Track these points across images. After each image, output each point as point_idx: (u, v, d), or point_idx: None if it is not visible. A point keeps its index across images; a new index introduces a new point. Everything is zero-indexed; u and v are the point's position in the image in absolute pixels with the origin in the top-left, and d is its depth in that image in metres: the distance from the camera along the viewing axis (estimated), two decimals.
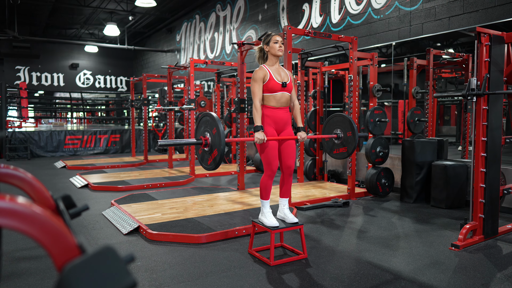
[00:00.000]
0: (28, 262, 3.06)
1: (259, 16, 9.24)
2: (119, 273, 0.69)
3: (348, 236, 3.69)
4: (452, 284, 2.62)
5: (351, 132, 3.32)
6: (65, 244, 0.67)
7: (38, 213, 0.67)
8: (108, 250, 0.70)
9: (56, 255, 0.66)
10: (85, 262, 0.68)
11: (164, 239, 3.55)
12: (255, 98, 3.08)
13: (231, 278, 2.73)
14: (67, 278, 0.65)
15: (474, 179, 3.50)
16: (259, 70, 3.13)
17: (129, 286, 0.70)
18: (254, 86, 3.10)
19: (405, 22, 5.90)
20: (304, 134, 3.21)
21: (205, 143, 2.78)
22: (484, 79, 3.36)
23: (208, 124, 2.76)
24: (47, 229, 0.66)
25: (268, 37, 3.17)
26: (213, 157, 2.73)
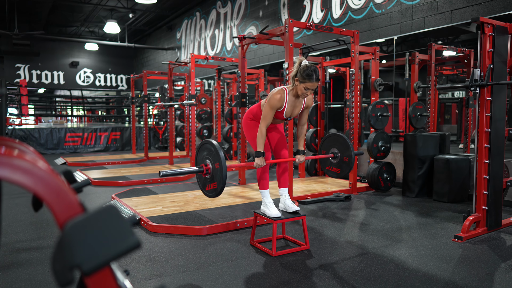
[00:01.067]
0: (28, 253, 3.03)
1: (259, 13, 9.21)
2: (122, 232, 0.67)
3: (351, 229, 3.67)
4: (456, 273, 2.60)
5: (348, 158, 3.28)
6: (67, 201, 0.65)
7: (42, 168, 0.65)
8: (111, 209, 0.68)
9: (58, 211, 0.64)
10: (87, 220, 0.65)
11: (165, 231, 3.53)
12: (263, 123, 2.98)
13: (233, 268, 2.70)
14: (68, 235, 0.63)
15: (478, 170, 3.47)
16: (279, 98, 2.94)
17: (133, 246, 0.67)
18: (267, 111, 2.97)
19: (407, 16, 5.87)
20: (302, 157, 3.20)
21: (206, 171, 2.75)
22: (487, 70, 3.33)
23: (211, 154, 2.72)
24: (50, 184, 0.64)
25: (307, 78, 2.84)
26: (212, 187, 2.72)
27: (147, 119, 9.35)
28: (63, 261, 0.63)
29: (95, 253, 0.64)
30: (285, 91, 2.99)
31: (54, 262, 0.64)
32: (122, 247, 0.66)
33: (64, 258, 0.63)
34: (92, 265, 0.63)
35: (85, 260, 0.63)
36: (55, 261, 0.64)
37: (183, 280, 2.53)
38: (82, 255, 0.63)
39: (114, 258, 0.65)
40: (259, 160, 3.01)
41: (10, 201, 4.88)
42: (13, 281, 2.50)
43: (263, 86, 8.59)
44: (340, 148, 3.34)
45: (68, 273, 0.63)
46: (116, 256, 0.66)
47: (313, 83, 2.86)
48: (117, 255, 0.66)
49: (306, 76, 2.84)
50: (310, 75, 2.84)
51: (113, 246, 0.65)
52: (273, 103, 2.95)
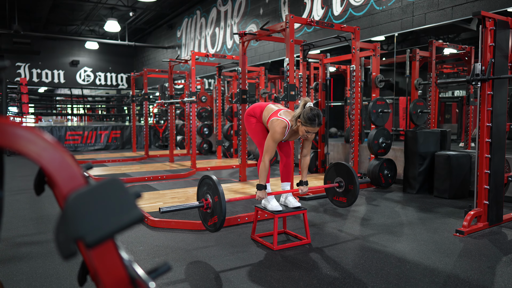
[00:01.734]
0: (29, 247, 3.03)
1: (260, 10, 9.20)
2: (125, 205, 0.67)
3: (352, 224, 3.66)
4: (458, 267, 2.59)
5: (353, 186, 3.29)
6: (70, 172, 0.65)
7: (46, 139, 0.64)
8: (115, 182, 0.68)
9: (62, 182, 0.64)
10: (91, 191, 0.65)
11: (166, 226, 3.52)
12: (267, 155, 3.00)
13: (234, 261, 2.70)
14: (71, 206, 0.63)
15: (479, 165, 3.46)
16: (281, 131, 2.96)
17: (136, 219, 0.67)
18: (270, 144, 2.99)
19: (407, 12, 5.86)
20: (305, 188, 3.20)
21: (206, 206, 2.77)
22: (489, 64, 3.33)
23: (210, 188, 2.76)
24: (54, 154, 0.64)
25: (309, 122, 2.84)
26: (213, 221, 2.75)
27: (147, 117, 9.35)
28: (66, 232, 0.63)
29: (99, 225, 0.63)
30: (287, 126, 3.00)
31: (58, 234, 0.64)
32: (125, 220, 0.66)
33: (67, 229, 0.63)
34: (95, 237, 0.63)
35: (88, 232, 0.63)
36: (59, 232, 0.64)
37: (184, 273, 2.52)
38: (85, 227, 0.63)
39: (118, 230, 0.65)
40: (261, 193, 3.02)
41: (11, 197, 4.88)
42: (14, 274, 2.50)
43: (264, 84, 8.59)
44: (345, 176, 3.34)
45: (71, 244, 0.62)
46: (120, 229, 0.65)
47: (314, 128, 2.87)
48: (121, 228, 0.65)
49: (309, 120, 2.84)
50: (313, 120, 2.83)
51: (116, 219, 0.65)
52: (276, 137, 2.98)
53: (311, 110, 2.85)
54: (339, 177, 3.39)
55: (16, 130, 0.62)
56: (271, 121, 3.03)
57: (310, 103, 2.91)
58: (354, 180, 3.25)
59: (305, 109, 2.88)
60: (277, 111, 3.08)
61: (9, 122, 0.62)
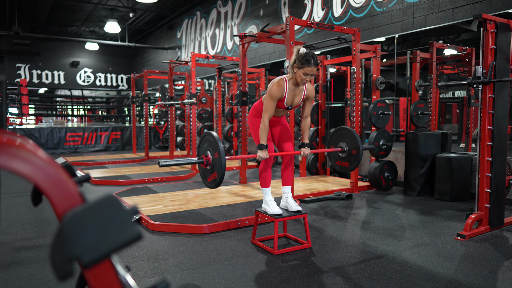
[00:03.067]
0: (28, 252, 3.02)
1: (260, 11, 9.19)
2: (123, 223, 0.65)
3: (352, 227, 3.65)
4: (459, 272, 2.58)
5: (356, 150, 3.27)
6: (66, 191, 0.63)
7: (41, 157, 0.63)
8: (111, 199, 0.66)
9: (57, 202, 0.62)
10: (87, 210, 0.63)
11: (166, 229, 3.51)
12: (266, 115, 2.97)
13: (235, 266, 2.68)
14: (67, 226, 0.61)
15: (480, 168, 3.45)
16: (278, 87, 2.93)
17: (134, 237, 0.65)
18: (268, 102, 2.97)
19: (408, 14, 5.85)
20: (307, 150, 3.17)
21: (206, 162, 2.76)
22: (490, 67, 3.31)
23: (211, 144, 2.74)
24: (49, 174, 0.62)
25: (306, 63, 2.83)
26: (213, 177, 2.73)
27: (147, 118, 9.34)
28: (62, 252, 0.61)
29: (95, 244, 0.62)
30: (284, 80, 2.99)
31: (53, 254, 0.62)
32: (123, 239, 0.64)
33: (63, 249, 0.61)
34: (92, 257, 0.62)
35: (84, 252, 0.61)
36: (54, 252, 0.62)
37: (184, 278, 2.51)
38: (82, 246, 0.61)
39: (115, 250, 0.64)
40: (262, 152, 3.00)
41: (10, 200, 4.87)
42: (13, 279, 2.48)
43: (264, 86, 8.57)
44: (348, 141, 3.33)
45: (67, 265, 0.61)
46: (117, 248, 0.64)
47: (312, 68, 2.85)
48: (118, 247, 0.64)
49: (305, 61, 2.84)
50: (309, 60, 2.84)
51: (113, 238, 0.63)
52: (274, 93, 2.94)
53: (305, 53, 2.86)
54: (343, 142, 3.39)
55: (9, 150, 0.61)
56: (268, 86, 3.04)
57: (303, 49, 2.90)
58: (357, 144, 3.25)
59: (299, 53, 2.89)
60: None
61: (1, 141, 0.60)
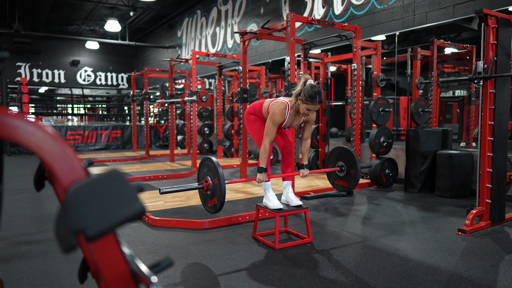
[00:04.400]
0: (29, 246, 3.02)
1: (261, 10, 9.19)
2: (127, 197, 0.65)
3: (353, 223, 3.65)
4: (461, 265, 2.58)
5: (354, 170, 3.27)
6: (71, 164, 0.63)
7: (47, 130, 0.63)
8: (116, 174, 0.66)
9: (62, 174, 0.62)
10: (92, 184, 0.63)
11: (167, 225, 3.51)
12: (267, 138, 2.97)
13: (236, 260, 2.68)
14: (71, 199, 0.61)
15: (481, 163, 3.45)
16: (280, 112, 2.92)
17: (138, 211, 0.65)
18: (270, 127, 2.96)
19: (409, 11, 5.85)
20: (306, 171, 3.18)
21: (207, 187, 2.76)
22: (491, 62, 3.31)
23: (210, 170, 2.75)
24: (54, 146, 0.62)
25: (310, 100, 2.80)
26: (213, 203, 2.74)
27: (147, 117, 9.34)
28: (66, 225, 0.61)
29: (100, 218, 0.62)
30: (287, 106, 2.96)
31: (58, 227, 0.62)
32: (127, 213, 0.64)
33: (68, 222, 0.61)
34: (96, 230, 0.62)
35: (89, 225, 0.61)
36: (59, 225, 0.62)
37: (185, 272, 2.51)
38: (86, 219, 0.61)
39: (119, 223, 0.64)
40: (261, 176, 3.02)
41: (12, 196, 4.87)
42: (14, 272, 2.48)
43: (265, 84, 8.57)
44: (346, 161, 3.33)
45: (71, 237, 0.61)
46: (121, 222, 0.64)
47: (315, 106, 2.82)
48: (122, 221, 0.64)
49: (309, 98, 2.79)
50: (313, 97, 2.79)
51: (118, 211, 0.63)
52: (275, 118, 2.93)
53: (311, 87, 2.80)
54: (341, 161, 3.38)
55: (17, 122, 0.61)
56: (271, 106, 3.02)
57: (311, 80, 2.87)
58: (355, 164, 3.25)
59: (305, 86, 2.84)
60: (277, 98, 3.09)
61: (9, 113, 0.60)
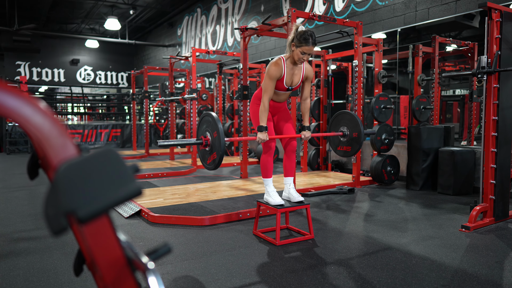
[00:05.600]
0: (27, 242, 2.97)
1: (261, 7, 9.14)
2: (122, 177, 0.61)
3: (355, 219, 3.60)
4: (465, 261, 2.53)
5: (357, 133, 3.21)
6: (61, 140, 0.59)
7: (36, 104, 0.58)
8: (111, 152, 0.62)
9: (52, 151, 0.58)
10: (84, 162, 0.59)
11: (166, 221, 3.47)
12: (266, 95, 2.94)
13: (236, 257, 2.64)
14: (62, 177, 0.57)
15: (485, 159, 3.40)
16: (276, 66, 2.90)
17: (133, 192, 0.61)
18: (267, 83, 2.93)
19: (410, 7, 5.80)
20: (308, 133, 3.13)
21: (205, 143, 2.71)
22: (495, 56, 3.26)
23: (210, 125, 2.70)
24: (43, 120, 0.58)
25: (304, 41, 2.78)
26: (212, 158, 2.68)
27: (147, 115, 9.29)
28: (56, 206, 0.57)
29: (92, 198, 0.58)
30: (282, 59, 2.95)
31: (47, 208, 0.58)
32: (122, 193, 0.60)
33: (58, 202, 0.57)
34: (88, 211, 0.57)
35: (80, 206, 0.57)
36: (48, 206, 0.58)
37: (185, 268, 2.47)
38: (77, 200, 0.57)
39: (113, 204, 0.59)
40: (262, 134, 2.95)
41: (10, 193, 4.82)
42: (11, 269, 2.44)
43: None
44: (349, 125, 3.27)
45: (61, 219, 0.57)
46: (116, 203, 0.59)
47: (310, 47, 2.81)
48: (117, 201, 0.59)
49: (303, 40, 2.80)
50: (307, 38, 2.80)
51: (112, 192, 0.59)
52: (272, 72, 2.91)
53: (304, 32, 2.83)
54: (343, 127, 3.33)
55: (4, 92, 0.56)
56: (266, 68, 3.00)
57: (302, 26, 2.87)
58: (358, 127, 3.19)
59: (297, 32, 2.85)
60: None
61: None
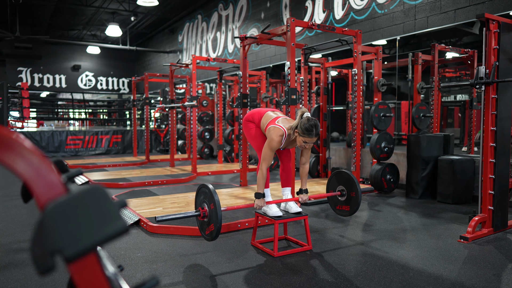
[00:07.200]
0: (25, 253, 2.98)
1: (261, 14, 9.19)
2: (108, 215, 0.62)
3: (354, 229, 3.60)
4: (463, 274, 2.53)
5: (354, 193, 3.23)
6: (49, 180, 0.60)
7: (23, 144, 0.59)
8: (97, 190, 0.63)
9: (39, 191, 0.59)
10: (70, 201, 0.60)
11: (165, 231, 3.47)
12: (264, 164, 2.97)
13: (234, 268, 2.64)
14: (49, 217, 0.58)
15: (483, 170, 3.40)
16: (278, 140, 2.94)
17: (120, 230, 0.62)
18: (267, 152, 2.96)
19: (409, 16, 5.82)
20: (305, 196, 3.15)
21: (203, 214, 2.75)
22: (493, 67, 3.27)
23: (207, 196, 2.73)
24: (31, 161, 0.59)
25: (307, 133, 2.81)
26: (210, 229, 2.71)
27: (148, 122, 9.32)
28: (43, 245, 0.58)
29: (78, 237, 0.58)
30: (284, 134, 2.96)
31: (34, 247, 0.59)
32: (108, 231, 0.61)
33: (45, 242, 0.58)
34: (74, 250, 0.58)
35: (67, 245, 0.58)
36: (35, 245, 0.59)
37: (182, 280, 2.47)
38: (64, 239, 0.58)
39: (100, 242, 0.60)
40: (259, 201, 2.99)
41: (9, 202, 4.84)
42: (8, 281, 2.45)
43: (265, 88, 8.55)
44: (346, 184, 3.28)
45: (48, 258, 0.57)
46: (102, 241, 0.60)
47: (312, 139, 2.83)
48: (103, 240, 0.60)
49: (306, 131, 2.81)
50: (310, 130, 2.80)
51: (98, 230, 0.60)
52: (273, 145, 2.95)
53: (308, 121, 2.81)
54: (341, 185, 3.33)
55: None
56: (269, 128, 3.00)
57: (308, 113, 2.87)
58: (355, 186, 3.19)
59: (302, 119, 2.85)
60: (275, 119, 3.04)
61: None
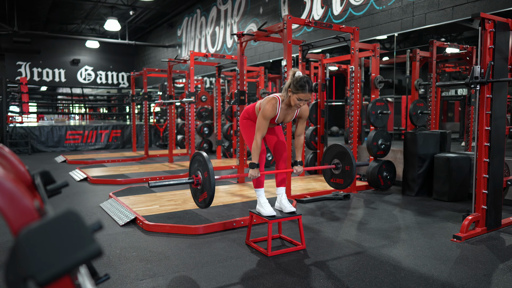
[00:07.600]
0: None
1: (260, 9, 9.15)
2: (82, 239, 0.63)
3: (348, 228, 3.62)
4: (453, 274, 2.55)
5: (349, 167, 3.24)
6: (21, 206, 0.61)
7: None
8: (70, 215, 0.64)
9: (12, 218, 0.60)
10: (43, 226, 0.61)
11: (160, 230, 3.50)
12: (258, 134, 2.96)
13: (227, 268, 2.67)
14: (22, 243, 0.59)
15: (477, 169, 3.42)
16: (271, 107, 2.91)
17: (93, 253, 0.63)
18: (261, 121, 2.94)
19: (408, 12, 5.80)
20: (300, 168, 3.15)
21: (197, 182, 2.76)
22: (488, 67, 3.27)
23: (201, 164, 2.73)
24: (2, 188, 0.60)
25: (300, 88, 2.79)
26: (203, 197, 2.72)
27: (147, 116, 9.32)
28: (16, 271, 0.59)
29: (51, 262, 0.60)
30: (277, 100, 2.96)
31: (7, 273, 0.60)
32: (81, 255, 0.62)
33: (17, 268, 0.59)
34: (47, 275, 0.60)
35: (39, 270, 0.59)
36: (9, 271, 0.60)
37: (176, 280, 2.49)
38: (36, 264, 0.59)
39: (72, 267, 0.62)
40: (253, 171, 3.00)
41: None
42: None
43: (264, 84, 8.54)
44: (342, 158, 3.30)
45: (21, 284, 0.59)
46: (74, 265, 0.62)
47: (306, 94, 2.82)
48: (75, 264, 0.62)
49: (299, 87, 2.80)
50: (303, 85, 2.80)
51: (71, 254, 0.61)
52: (266, 113, 2.92)
53: (300, 78, 2.83)
54: (336, 159, 3.36)
55: None
56: (262, 101, 3.01)
57: (299, 72, 2.88)
58: (350, 161, 3.22)
59: (294, 77, 2.86)
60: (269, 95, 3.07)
61: None
